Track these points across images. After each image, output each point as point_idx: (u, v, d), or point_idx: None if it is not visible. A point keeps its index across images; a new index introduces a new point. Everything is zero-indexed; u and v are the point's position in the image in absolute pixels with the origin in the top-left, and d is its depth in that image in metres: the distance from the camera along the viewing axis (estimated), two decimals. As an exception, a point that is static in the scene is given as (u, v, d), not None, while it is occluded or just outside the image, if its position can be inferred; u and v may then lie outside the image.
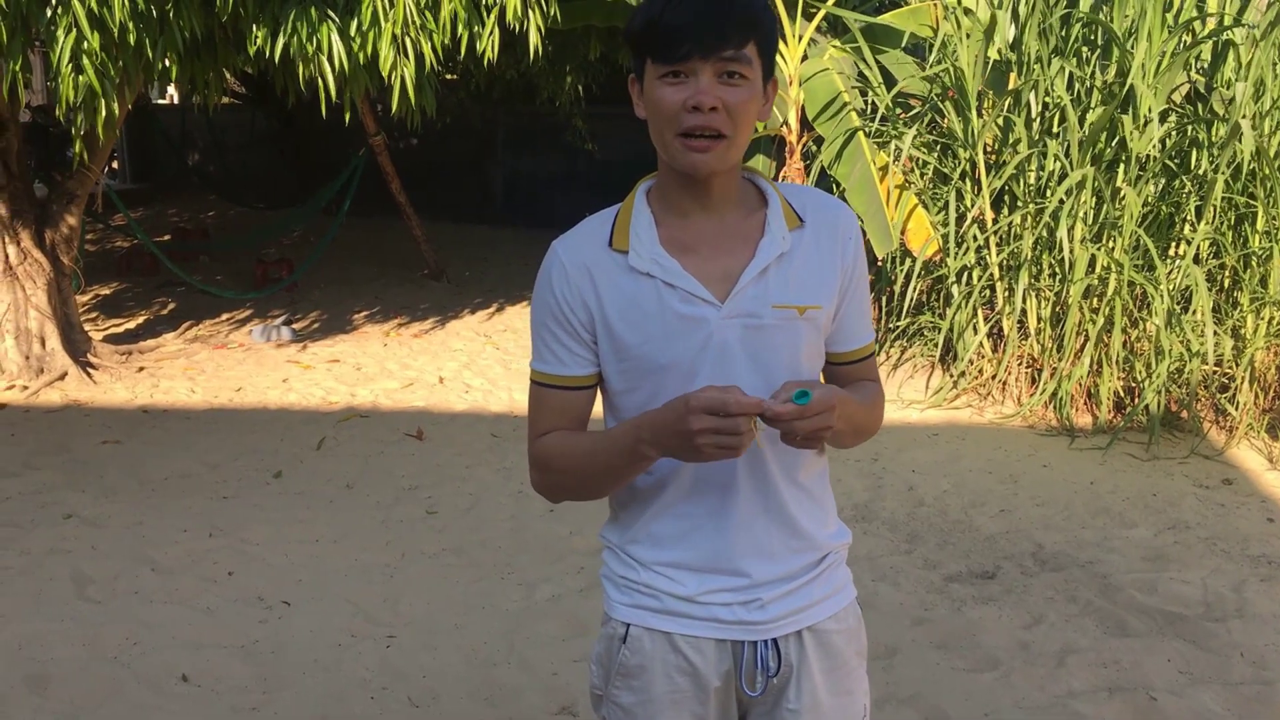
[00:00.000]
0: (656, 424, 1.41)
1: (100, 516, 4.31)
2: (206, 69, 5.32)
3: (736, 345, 1.49)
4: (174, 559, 3.93)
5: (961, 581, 3.86)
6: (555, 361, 1.55)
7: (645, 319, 1.49)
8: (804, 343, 1.52)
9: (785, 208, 1.54)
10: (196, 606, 3.58)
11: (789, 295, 1.50)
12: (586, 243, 1.53)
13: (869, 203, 5.36)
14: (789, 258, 1.51)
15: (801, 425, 1.37)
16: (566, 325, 1.53)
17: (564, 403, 1.56)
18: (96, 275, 9.31)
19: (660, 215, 1.53)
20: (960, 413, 5.78)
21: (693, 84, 1.40)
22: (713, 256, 1.51)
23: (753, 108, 1.44)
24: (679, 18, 1.39)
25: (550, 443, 1.56)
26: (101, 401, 5.94)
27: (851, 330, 1.60)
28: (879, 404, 1.64)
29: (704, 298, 1.48)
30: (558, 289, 1.52)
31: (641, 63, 1.45)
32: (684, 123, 1.41)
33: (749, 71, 1.42)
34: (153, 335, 7.49)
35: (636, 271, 1.49)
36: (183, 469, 4.87)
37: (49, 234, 6.37)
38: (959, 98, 5.40)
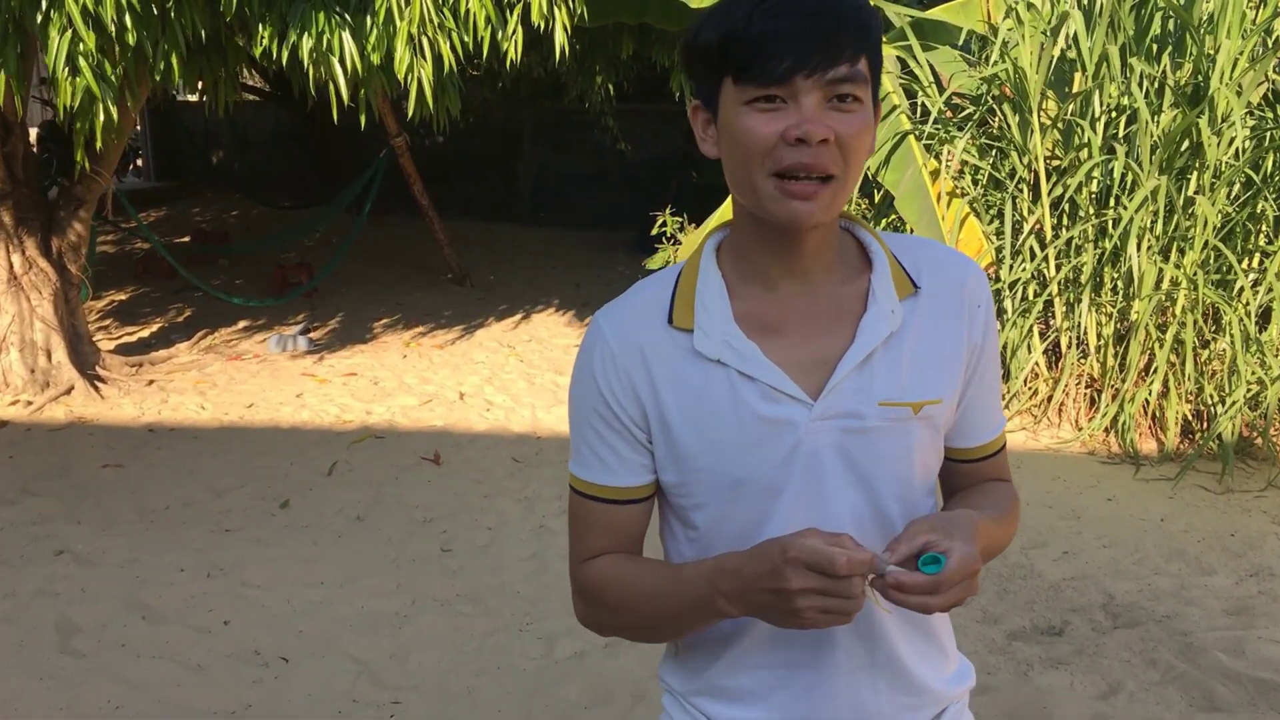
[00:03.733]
0: (742, 575, 1.08)
1: (94, 553, 4.03)
2: (216, 69, 5.02)
3: (832, 455, 1.16)
4: (168, 604, 3.64)
5: (1026, 640, 3.50)
6: (600, 468, 1.21)
7: (714, 420, 1.15)
8: (919, 449, 1.18)
9: (895, 269, 1.20)
10: (187, 662, 3.28)
11: (900, 389, 1.16)
12: (639, 317, 1.19)
13: (922, 211, 4.98)
14: (900, 337, 1.17)
15: (935, 602, 1.03)
16: (614, 423, 1.19)
17: (613, 519, 1.23)
18: (113, 280, 9.09)
19: (735, 283, 1.18)
20: (1014, 436, 5.39)
21: (794, 111, 1.06)
22: (803, 338, 1.17)
23: (867, 139, 1.11)
24: (776, 25, 1.04)
25: (600, 571, 1.23)
26: (107, 419, 5.68)
27: (979, 421, 1.27)
28: (1014, 516, 1.28)
29: (791, 394, 1.14)
30: (602, 377, 1.19)
31: (715, 85, 1.11)
32: (783, 160, 1.07)
33: (864, 93, 1.09)
34: (166, 344, 7.24)
35: (704, 358, 1.15)
36: (186, 496, 4.58)
37: (55, 241, 6.11)
38: (1018, 99, 5.01)
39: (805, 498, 1.16)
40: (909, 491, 1.20)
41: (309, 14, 4.03)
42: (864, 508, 1.18)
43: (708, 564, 1.14)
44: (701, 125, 1.16)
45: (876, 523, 1.18)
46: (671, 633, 1.22)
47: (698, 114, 1.16)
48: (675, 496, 1.22)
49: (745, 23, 1.06)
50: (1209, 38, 4.78)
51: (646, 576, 1.20)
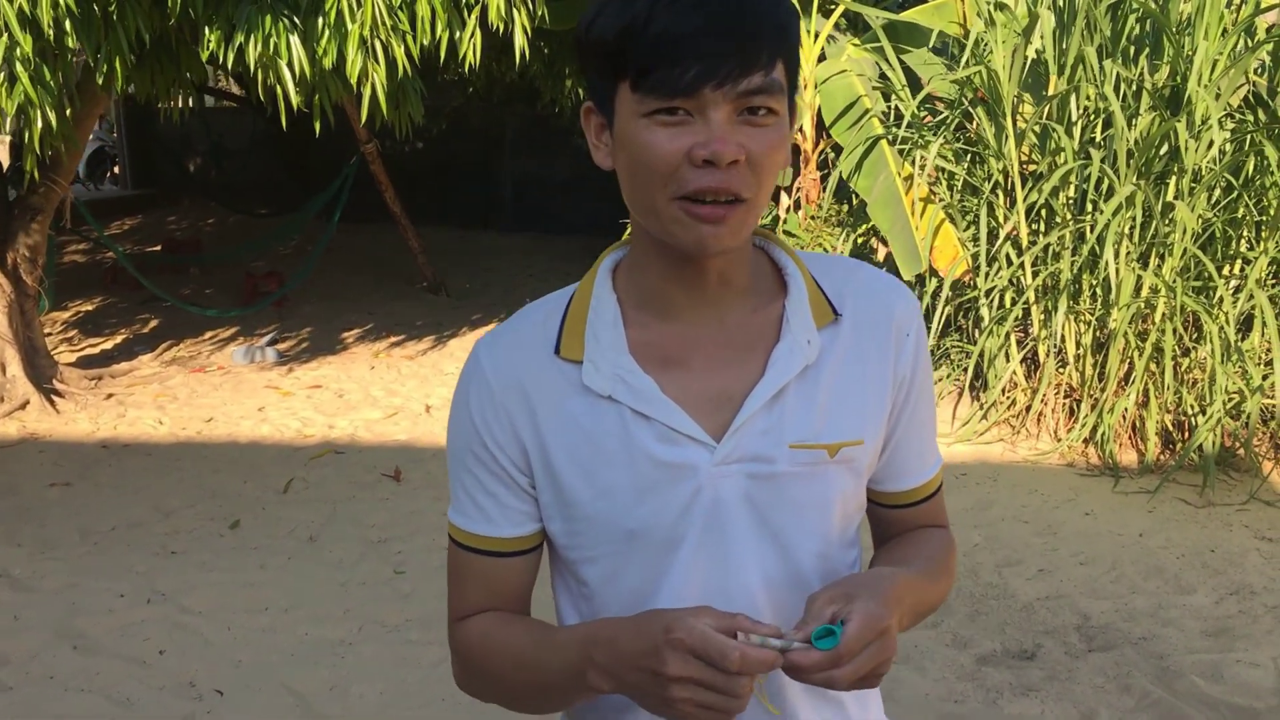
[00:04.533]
0: (618, 648, 0.93)
1: (31, 577, 3.87)
2: (170, 75, 4.87)
3: (738, 504, 1.01)
4: (103, 632, 3.49)
5: (997, 664, 3.36)
6: (480, 516, 1.07)
7: (604, 464, 1.01)
8: (837, 496, 1.04)
9: (814, 295, 1.05)
10: (116, 696, 3.12)
11: (815, 429, 1.02)
12: (523, 348, 1.04)
13: (894, 219, 4.86)
14: (817, 370, 1.02)
15: (840, 675, 0.89)
16: (493, 466, 1.05)
17: (493, 573, 1.08)
18: (80, 290, 8.93)
19: (632, 309, 1.04)
20: (991, 447, 5.26)
21: (701, 126, 0.91)
22: (707, 372, 1.02)
23: (781, 157, 0.96)
24: (681, 23, 0.88)
25: (474, 632, 1.09)
26: (61, 434, 5.52)
27: (909, 463, 1.12)
28: (949, 568, 1.14)
29: (691, 435, 1.00)
30: (479, 415, 1.04)
31: (610, 88, 0.95)
32: (688, 183, 0.92)
33: (779, 104, 0.93)
34: (129, 356, 7.08)
35: (594, 393, 1.01)
36: (133, 517, 4.43)
37: (10, 253, 5.96)
38: (991, 102, 4.88)
39: (707, 553, 1.02)
40: (826, 545, 1.06)
41: (255, 16, 3.88)
42: (775, 565, 1.04)
43: (584, 630, 1.00)
44: (595, 131, 1.00)
45: (789, 582, 1.04)
46: (549, 705, 1.07)
47: (590, 117, 1.01)
48: (563, 549, 1.08)
49: (646, 18, 0.90)
50: (1186, 39, 4.66)
51: (521, 640, 1.06)
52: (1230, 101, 4.90)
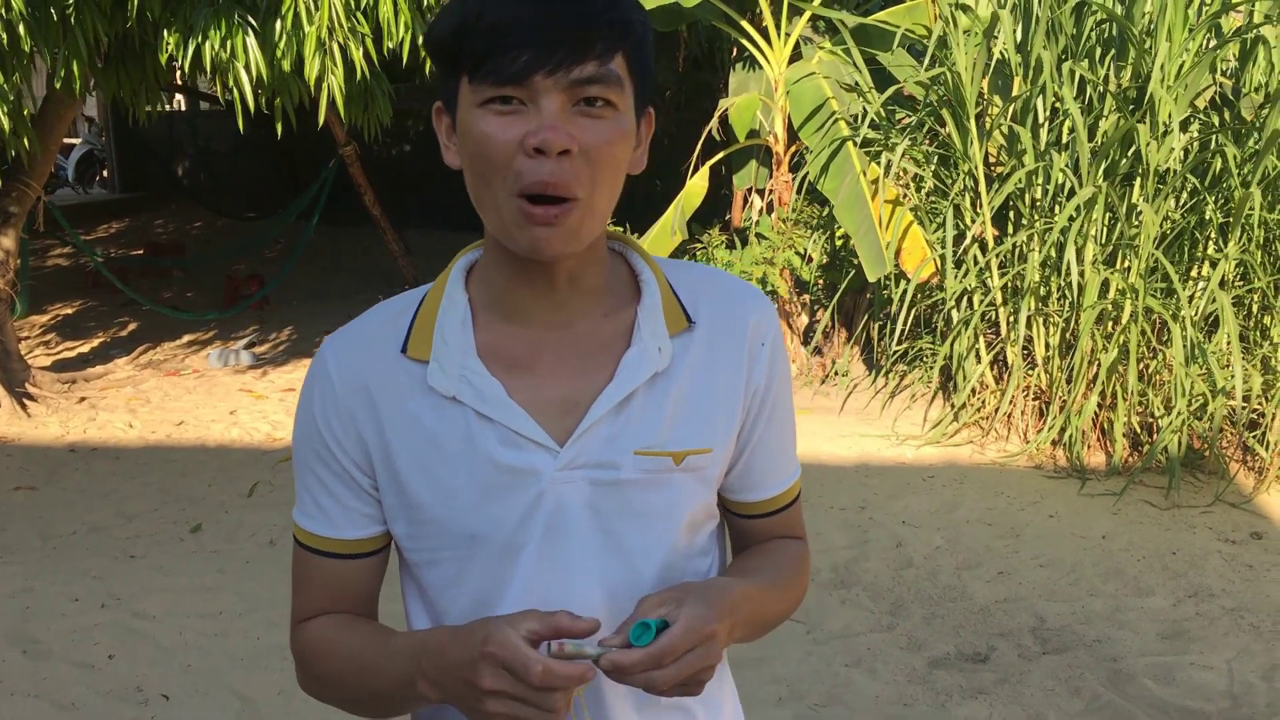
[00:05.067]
0: (444, 657, 0.93)
1: (-13, 582, 3.86)
2: (134, 79, 4.87)
3: (581, 511, 1.00)
4: (54, 637, 3.48)
5: (948, 667, 3.35)
6: (321, 517, 1.06)
7: (447, 466, 0.99)
8: (683, 505, 1.03)
9: (669, 301, 1.04)
10: (62, 701, 3.11)
11: (661, 437, 1.01)
12: (369, 346, 1.03)
13: (860, 221, 4.85)
14: (667, 378, 1.02)
15: (661, 676, 0.88)
16: (335, 466, 1.03)
17: (334, 575, 1.07)
18: (61, 294, 8.92)
19: (482, 311, 1.03)
20: (960, 450, 5.26)
21: (533, 115, 0.90)
22: (555, 377, 1.01)
23: (621, 152, 0.94)
24: (513, 13, 0.89)
25: (313, 635, 1.07)
26: (30, 438, 5.51)
27: (764, 473, 1.11)
28: (799, 581, 1.13)
29: (535, 440, 0.99)
30: (321, 415, 1.03)
31: (453, 84, 0.94)
32: (524, 176, 0.90)
33: (618, 97, 0.92)
34: (106, 360, 7.07)
35: (438, 394, 0.99)
36: (94, 521, 4.42)
37: (-19, 256, 5.95)
38: (955, 105, 4.87)
39: (549, 560, 1.02)
40: (671, 554, 1.05)
41: (212, 18, 3.88)
42: (617, 573, 1.03)
43: (417, 638, 0.99)
44: (445, 132, 1.00)
45: (632, 591, 1.02)
46: (388, 711, 1.06)
47: (440, 118, 1.00)
48: (407, 551, 1.07)
49: (480, 11, 0.90)
50: (1150, 39, 4.65)
51: (358, 646, 1.05)
52: (1198, 103, 4.89)
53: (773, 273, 5.66)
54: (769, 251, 5.65)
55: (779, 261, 5.67)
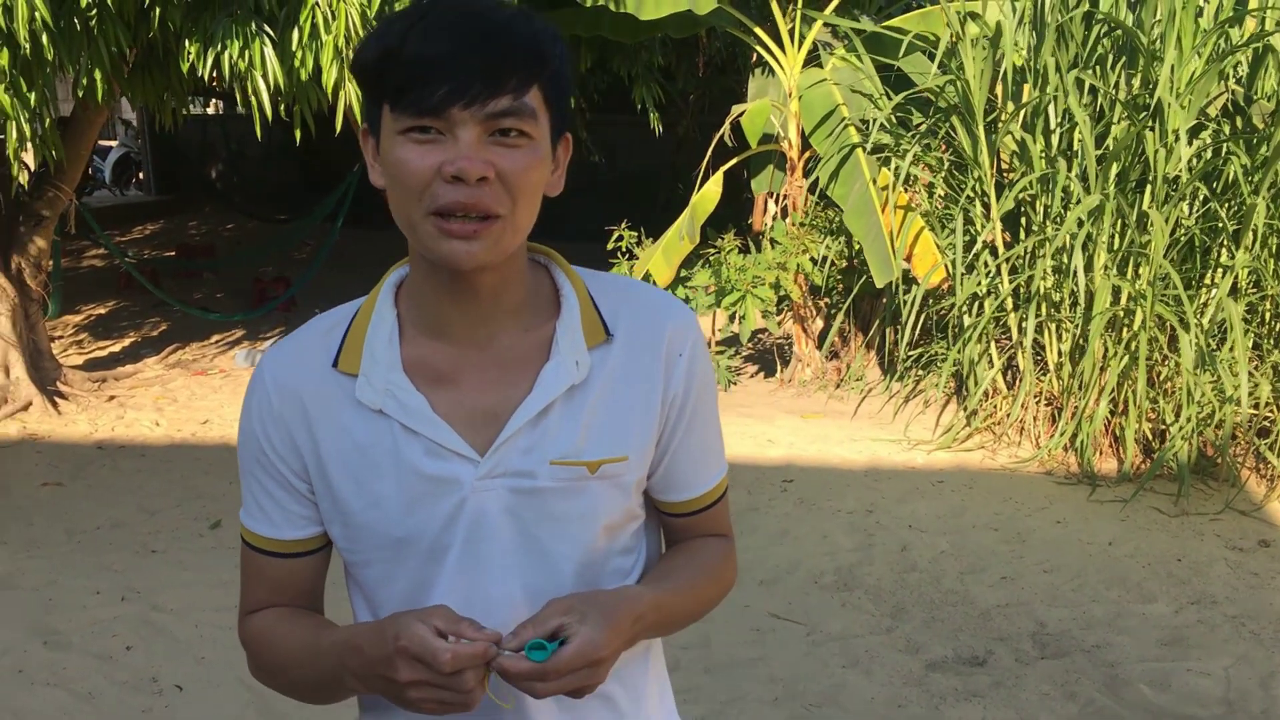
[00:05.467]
0: (364, 655, 1.00)
1: (12, 575, 3.99)
2: (159, 87, 4.99)
3: (501, 517, 1.07)
4: (74, 629, 3.59)
5: (945, 670, 3.39)
6: (262, 518, 1.14)
7: (374, 475, 1.07)
8: (601, 510, 1.10)
9: (588, 315, 1.10)
10: (79, 691, 3.22)
11: (577, 447, 1.07)
12: (303, 359, 1.10)
13: (869, 227, 4.89)
14: (584, 390, 1.08)
15: (542, 688, 0.96)
16: (274, 472, 1.11)
17: (276, 572, 1.15)
18: (95, 294, 9.11)
19: (409, 327, 1.09)
20: (972, 455, 5.28)
21: (450, 145, 0.96)
22: (477, 390, 1.07)
23: (537, 177, 1.01)
24: (432, 48, 0.95)
25: (257, 628, 1.16)
26: (60, 435, 5.65)
27: (686, 475, 1.17)
28: (717, 577, 1.20)
29: (457, 451, 1.06)
30: (259, 424, 1.11)
31: (376, 111, 1.01)
32: (440, 198, 0.97)
33: (532, 128, 0.99)
34: (137, 359, 7.22)
35: (367, 408, 1.07)
36: (117, 517, 4.54)
37: (15, 258, 6.10)
38: (964, 113, 4.90)
39: (471, 562, 1.08)
40: (590, 555, 1.11)
41: (230, 28, 3.99)
42: (537, 575, 1.10)
43: (343, 635, 1.06)
44: (371, 153, 1.06)
45: (552, 591, 1.09)
46: (327, 699, 1.13)
47: (366, 140, 1.06)
48: (344, 552, 1.15)
49: (400, 42, 0.96)
50: (1160, 47, 4.66)
51: (295, 639, 1.12)
52: (1209, 111, 4.89)
53: (786, 277, 5.71)
54: (782, 256, 5.69)
55: (791, 266, 5.72)
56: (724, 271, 5.69)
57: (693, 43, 8.25)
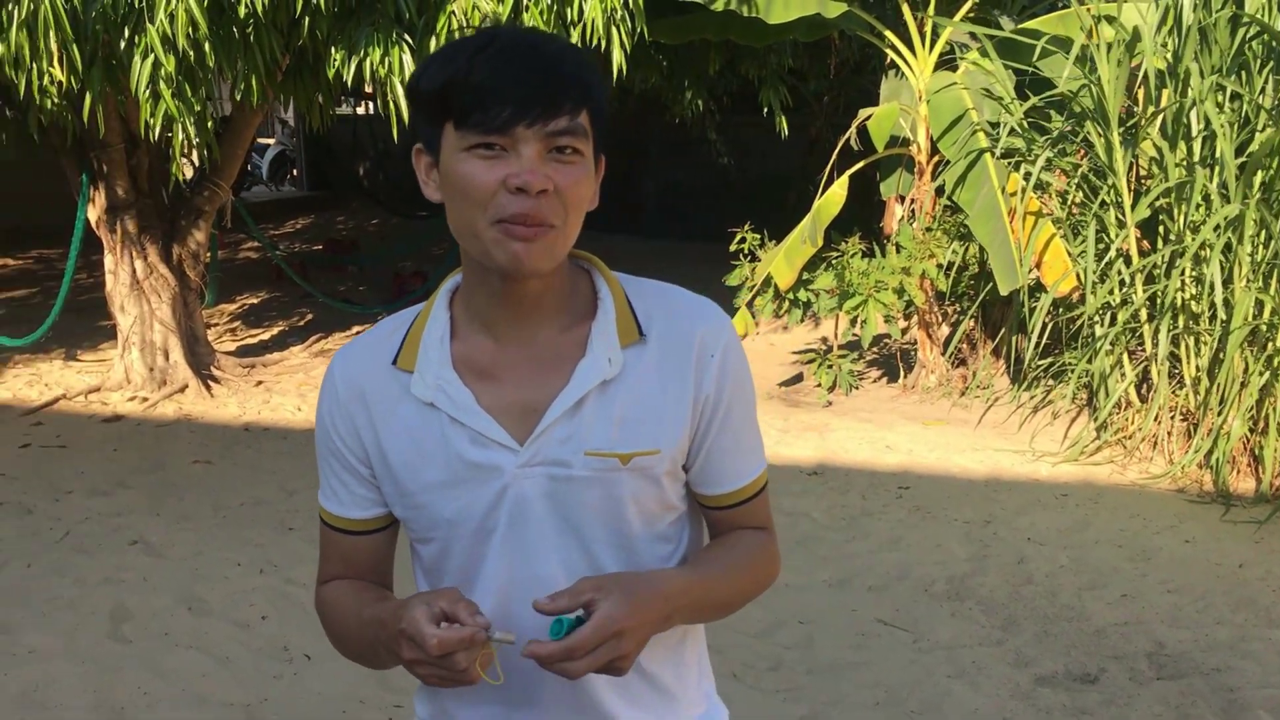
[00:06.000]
0: (384, 635, 1.13)
1: (164, 545, 4.29)
2: (309, 91, 5.27)
3: (540, 502, 1.17)
4: (216, 598, 3.85)
5: (1054, 685, 3.34)
6: (333, 498, 1.27)
7: (426, 461, 1.18)
8: (633, 499, 1.18)
9: (623, 315, 1.20)
10: (218, 655, 3.46)
11: (610, 438, 1.16)
12: (369, 357, 1.23)
13: (994, 233, 4.82)
14: (616, 385, 1.17)
15: (573, 667, 1.05)
16: (341, 458, 1.24)
17: (346, 548, 1.28)
18: (250, 284, 9.63)
19: (462, 326, 1.21)
20: (1099, 469, 5.14)
21: (514, 159, 1.07)
22: (518, 384, 1.18)
23: (586, 191, 1.13)
24: (498, 75, 1.06)
25: (325, 598, 1.30)
26: (211, 417, 6.03)
27: (722, 470, 1.25)
28: (755, 567, 1.27)
29: (499, 440, 1.16)
30: (328, 414, 1.24)
31: (437, 130, 1.12)
32: (505, 208, 1.08)
33: (583, 146, 1.11)
34: (283, 348, 7.63)
35: (420, 401, 1.18)
36: (259, 495, 4.83)
37: (176, 249, 6.52)
38: (1097, 118, 4.77)
39: (515, 543, 1.19)
40: (625, 541, 1.20)
41: (372, 36, 4.20)
42: (575, 555, 1.19)
43: (375, 613, 1.17)
44: (424, 169, 1.17)
45: (589, 571, 1.18)
46: (375, 665, 1.24)
47: (420, 157, 1.17)
48: (408, 530, 1.27)
49: (467, 70, 1.07)
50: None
51: (348, 610, 1.24)
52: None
53: (910, 282, 5.66)
54: (907, 261, 5.64)
55: (916, 271, 5.66)
56: (846, 275, 5.67)
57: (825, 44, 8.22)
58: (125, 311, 6.38)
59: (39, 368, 6.92)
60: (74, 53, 4.09)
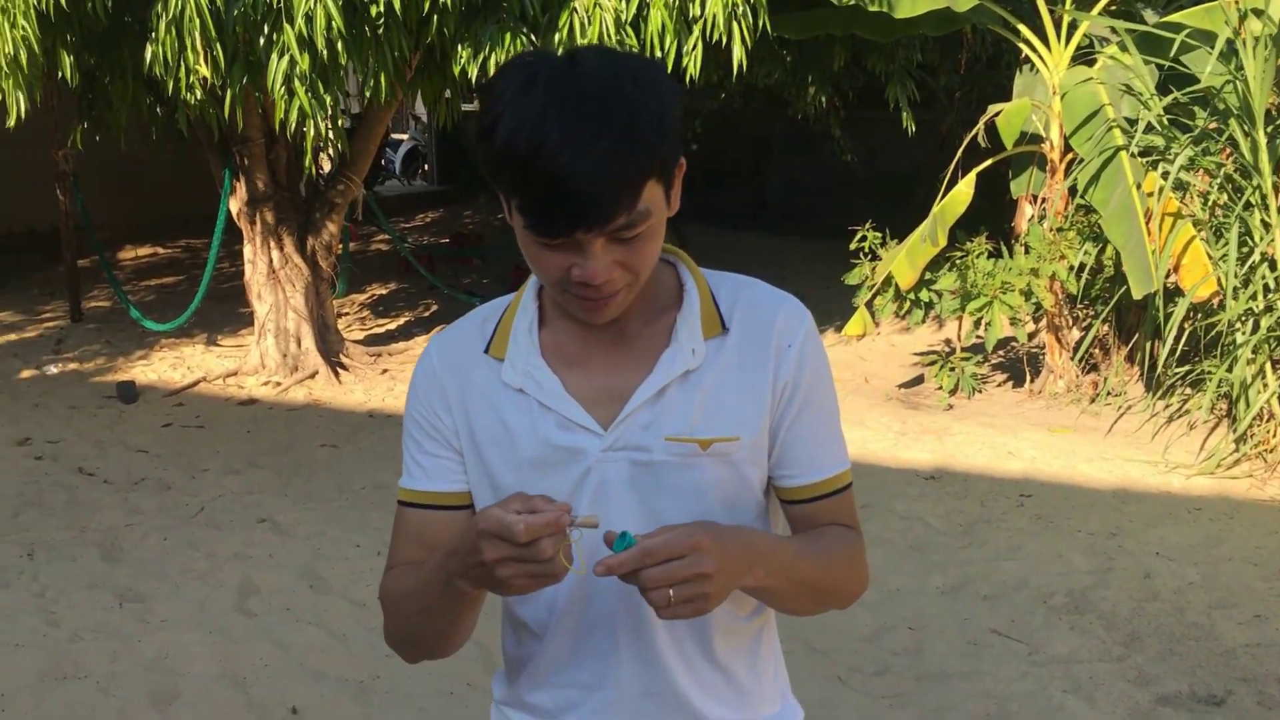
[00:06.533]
0: (459, 554, 1.11)
1: (290, 524, 4.47)
2: (436, 88, 5.41)
3: (622, 486, 1.19)
4: (336, 577, 3.99)
5: (1177, 706, 3.20)
6: (419, 473, 1.28)
7: (514, 444, 1.21)
8: (714, 485, 1.20)
9: (706, 308, 1.22)
10: (335, 631, 3.59)
11: (691, 425, 1.18)
12: (463, 344, 1.27)
13: (1129, 234, 4.63)
14: (699, 375, 1.19)
15: (649, 575, 1.02)
16: (431, 431, 1.26)
17: (424, 526, 1.27)
18: (379, 276, 9.93)
19: (551, 314, 1.25)
20: (1237, 483, 4.89)
21: (576, 250, 1.08)
22: (604, 372, 1.21)
23: (659, 238, 1.13)
24: (553, 178, 1.02)
25: (390, 579, 1.29)
26: (339, 403, 6.24)
27: (802, 461, 1.24)
28: (848, 560, 1.26)
29: (584, 425, 1.19)
30: (423, 391, 1.27)
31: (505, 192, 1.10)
32: (570, 288, 1.12)
33: (649, 219, 1.09)
34: (408, 337, 7.84)
35: (510, 387, 1.22)
36: (380, 480, 4.98)
37: (310, 240, 6.77)
38: (1242, 116, 4.53)
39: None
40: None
41: (497, 34, 4.28)
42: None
43: (448, 549, 1.16)
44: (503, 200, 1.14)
45: None
46: (431, 625, 1.22)
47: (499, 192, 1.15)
48: None
49: (529, 160, 1.02)
50: None
51: (411, 574, 1.23)
52: None
53: (1039, 284, 5.48)
54: (1035, 262, 5.47)
55: (1045, 272, 5.48)
56: (970, 276, 5.53)
57: (956, 39, 8.02)
58: (262, 299, 6.66)
59: (182, 351, 7.28)
60: (217, 51, 4.30)
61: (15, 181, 9.32)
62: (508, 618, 1.32)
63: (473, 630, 1.28)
